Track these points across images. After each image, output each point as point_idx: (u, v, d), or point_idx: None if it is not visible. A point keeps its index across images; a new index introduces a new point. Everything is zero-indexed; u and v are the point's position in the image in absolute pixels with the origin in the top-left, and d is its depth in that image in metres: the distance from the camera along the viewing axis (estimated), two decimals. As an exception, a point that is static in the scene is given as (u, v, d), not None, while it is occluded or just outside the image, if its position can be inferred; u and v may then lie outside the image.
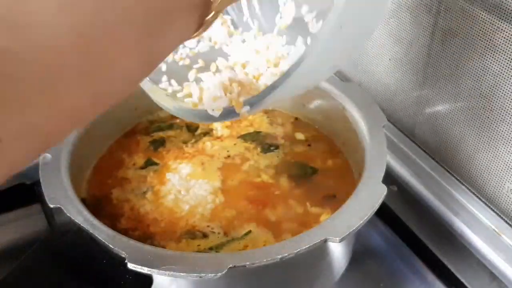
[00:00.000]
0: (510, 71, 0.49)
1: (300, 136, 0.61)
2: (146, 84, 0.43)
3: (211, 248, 0.48)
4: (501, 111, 0.51)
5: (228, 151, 0.58)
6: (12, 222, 0.59)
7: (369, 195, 0.46)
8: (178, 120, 0.63)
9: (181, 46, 0.44)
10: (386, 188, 0.46)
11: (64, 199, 0.46)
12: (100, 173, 0.57)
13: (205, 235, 0.50)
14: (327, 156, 0.59)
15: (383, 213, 0.57)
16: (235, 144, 0.59)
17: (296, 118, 0.63)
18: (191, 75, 0.43)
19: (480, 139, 0.54)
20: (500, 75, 0.50)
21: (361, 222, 0.44)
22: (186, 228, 0.50)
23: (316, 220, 0.51)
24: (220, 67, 0.43)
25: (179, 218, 0.51)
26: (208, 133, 0.61)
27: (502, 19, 0.48)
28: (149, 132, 0.61)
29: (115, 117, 0.59)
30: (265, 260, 0.41)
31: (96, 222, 0.44)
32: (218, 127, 0.61)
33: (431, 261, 0.55)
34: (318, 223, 0.49)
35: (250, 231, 0.50)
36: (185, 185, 0.54)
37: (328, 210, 0.51)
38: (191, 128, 0.62)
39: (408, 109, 0.63)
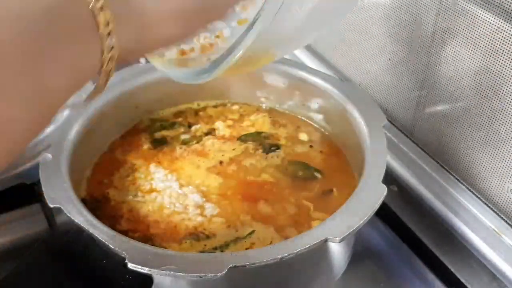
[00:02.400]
0: (510, 71, 0.49)
1: (303, 136, 0.61)
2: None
3: (215, 248, 0.48)
4: (501, 111, 0.51)
5: (229, 151, 0.58)
6: (12, 222, 0.59)
7: (369, 195, 0.46)
8: (180, 119, 0.63)
9: None
10: (386, 188, 0.46)
11: (64, 199, 0.46)
12: (99, 173, 0.57)
13: (208, 236, 0.50)
14: (327, 157, 0.59)
15: (383, 213, 0.57)
16: (236, 144, 0.59)
17: (298, 119, 0.63)
18: None
19: (480, 139, 0.54)
20: (500, 75, 0.50)
21: (361, 222, 0.44)
22: (188, 230, 0.50)
23: (316, 219, 0.51)
24: None
25: (181, 220, 0.51)
26: (210, 132, 0.61)
27: (502, 19, 0.48)
28: (151, 131, 0.61)
29: (115, 116, 0.59)
30: (265, 260, 0.41)
31: (96, 222, 0.44)
32: (220, 127, 0.61)
33: (431, 261, 0.55)
34: (318, 222, 0.50)
35: (253, 231, 0.50)
36: (186, 185, 0.54)
37: (327, 210, 0.52)
38: (193, 128, 0.62)
39: (408, 109, 0.63)
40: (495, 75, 0.51)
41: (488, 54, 0.50)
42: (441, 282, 0.54)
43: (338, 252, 0.50)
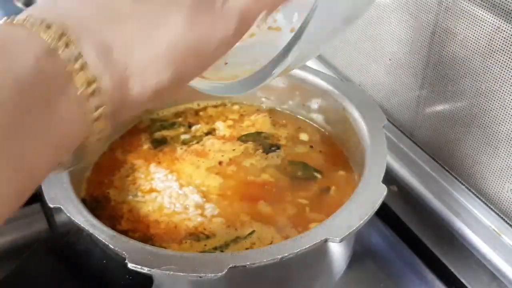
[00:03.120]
0: (510, 71, 0.49)
1: (304, 137, 0.61)
2: None
3: (215, 248, 0.48)
4: (501, 111, 0.51)
5: (229, 151, 0.58)
6: (12, 222, 0.59)
7: (369, 195, 0.46)
8: (180, 119, 0.63)
9: None
10: (386, 188, 0.46)
11: (64, 199, 0.46)
12: (99, 173, 0.57)
13: (208, 236, 0.50)
14: (327, 157, 0.59)
15: (383, 213, 0.57)
16: (236, 145, 0.59)
17: (298, 119, 0.63)
18: None
19: (480, 139, 0.54)
20: (500, 75, 0.50)
21: (361, 222, 0.44)
22: (188, 230, 0.50)
23: (316, 219, 0.51)
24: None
25: (181, 220, 0.51)
26: (210, 132, 0.61)
27: (502, 19, 0.48)
28: (151, 131, 0.61)
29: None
30: (265, 260, 0.41)
31: (96, 222, 0.44)
32: (220, 127, 0.61)
33: (431, 261, 0.55)
34: (318, 222, 0.50)
35: (253, 231, 0.50)
36: (186, 185, 0.54)
37: (327, 210, 0.52)
38: (193, 127, 0.61)
39: (408, 109, 0.63)
40: (495, 75, 0.51)
41: (488, 54, 0.50)
42: (441, 282, 0.54)
43: (338, 252, 0.50)
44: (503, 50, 0.49)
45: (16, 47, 0.26)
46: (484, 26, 0.50)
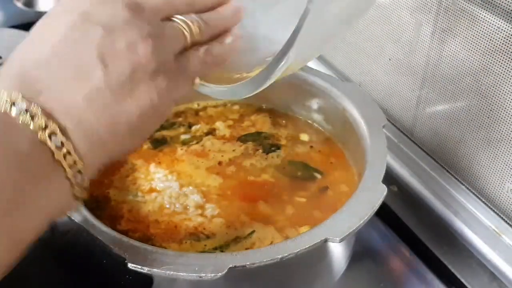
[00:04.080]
0: (510, 71, 0.49)
1: (304, 137, 0.61)
2: None
3: (215, 248, 0.48)
4: (501, 111, 0.51)
5: (229, 152, 0.58)
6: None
7: (369, 195, 0.46)
8: (180, 119, 0.63)
9: None
10: (386, 188, 0.46)
11: (64, 199, 0.46)
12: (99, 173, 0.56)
13: (208, 236, 0.50)
14: (327, 157, 0.59)
15: (383, 213, 0.57)
16: (236, 145, 0.59)
17: (298, 119, 0.63)
18: None
19: (480, 139, 0.54)
20: (500, 75, 0.50)
21: (361, 222, 0.44)
22: (188, 230, 0.50)
23: (316, 219, 0.51)
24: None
25: (181, 220, 0.51)
26: (210, 133, 0.61)
27: (502, 19, 0.48)
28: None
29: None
30: (265, 260, 0.41)
31: (96, 222, 0.44)
32: (220, 127, 0.61)
33: (431, 261, 0.55)
34: (318, 222, 0.50)
35: (254, 231, 0.50)
36: (186, 185, 0.54)
37: (327, 210, 0.52)
38: (193, 127, 0.61)
39: (408, 109, 0.63)
40: (494, 75, 0.51)
41: (488, 54, 0.50)
42: (441, 282, 0.54)
43: (338, 252, 0.50)
44: (503, 50, 0.49)
45: (11, 138, 0.29)
46: (484, 26, 0.50)
